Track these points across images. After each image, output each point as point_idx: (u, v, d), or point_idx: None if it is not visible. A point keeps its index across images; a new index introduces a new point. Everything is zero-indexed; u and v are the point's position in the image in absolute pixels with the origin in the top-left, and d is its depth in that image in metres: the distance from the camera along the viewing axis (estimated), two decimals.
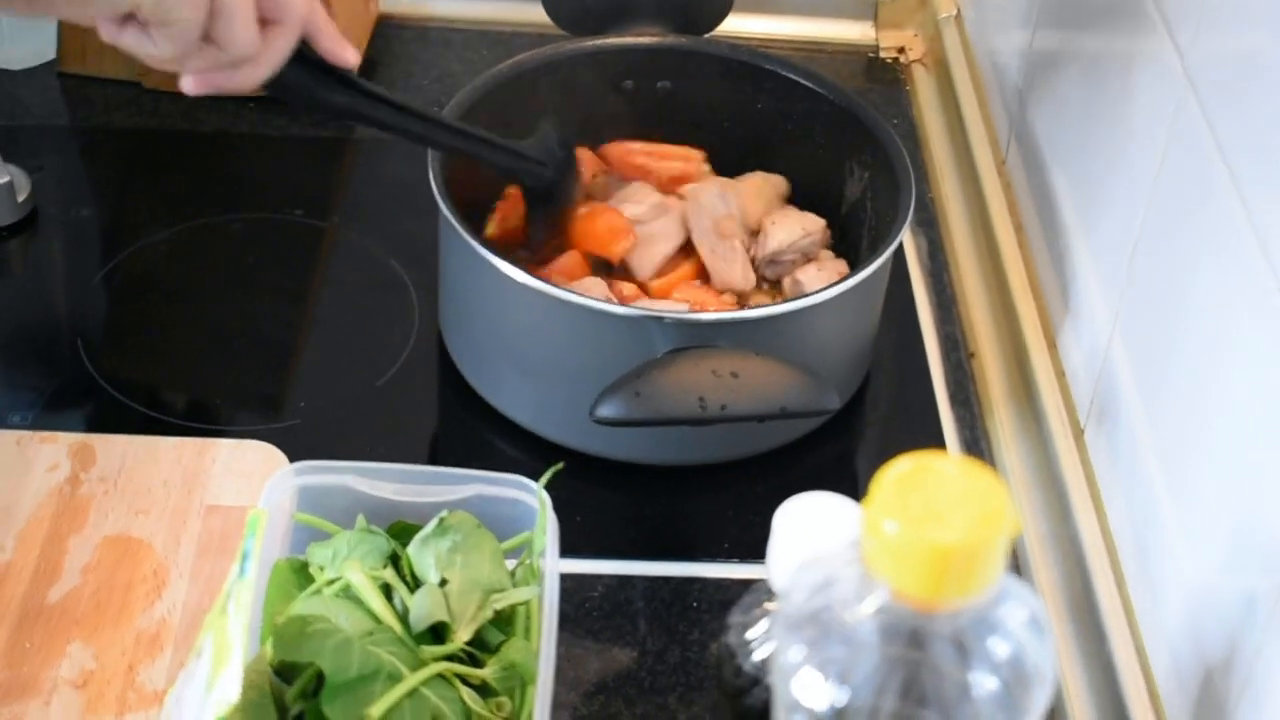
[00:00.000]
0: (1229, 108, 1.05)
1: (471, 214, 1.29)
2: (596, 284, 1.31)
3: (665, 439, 1.23)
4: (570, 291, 1.21)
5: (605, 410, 1.13)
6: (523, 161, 1.31)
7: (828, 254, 1.38)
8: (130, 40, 1.03)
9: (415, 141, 1.25)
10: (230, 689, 0.91)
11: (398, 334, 1.38)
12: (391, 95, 1.21)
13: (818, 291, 1.23)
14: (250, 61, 1.06)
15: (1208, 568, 1.05)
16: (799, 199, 1.42)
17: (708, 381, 1.14)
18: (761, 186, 1.41)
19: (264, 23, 1.05)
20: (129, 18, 1.01)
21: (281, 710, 0.98)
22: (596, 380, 1.14)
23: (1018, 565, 1.25)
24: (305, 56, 1.09)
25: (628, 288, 1.32)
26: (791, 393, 1.16)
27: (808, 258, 1.36)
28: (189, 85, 1.08)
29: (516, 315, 1.25)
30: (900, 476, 0.73)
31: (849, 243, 1.39)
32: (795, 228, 1.35)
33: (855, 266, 1.28)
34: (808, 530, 0.93)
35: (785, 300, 1.29)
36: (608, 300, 1.27)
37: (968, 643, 0.74)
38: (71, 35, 1.56)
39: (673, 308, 1.29)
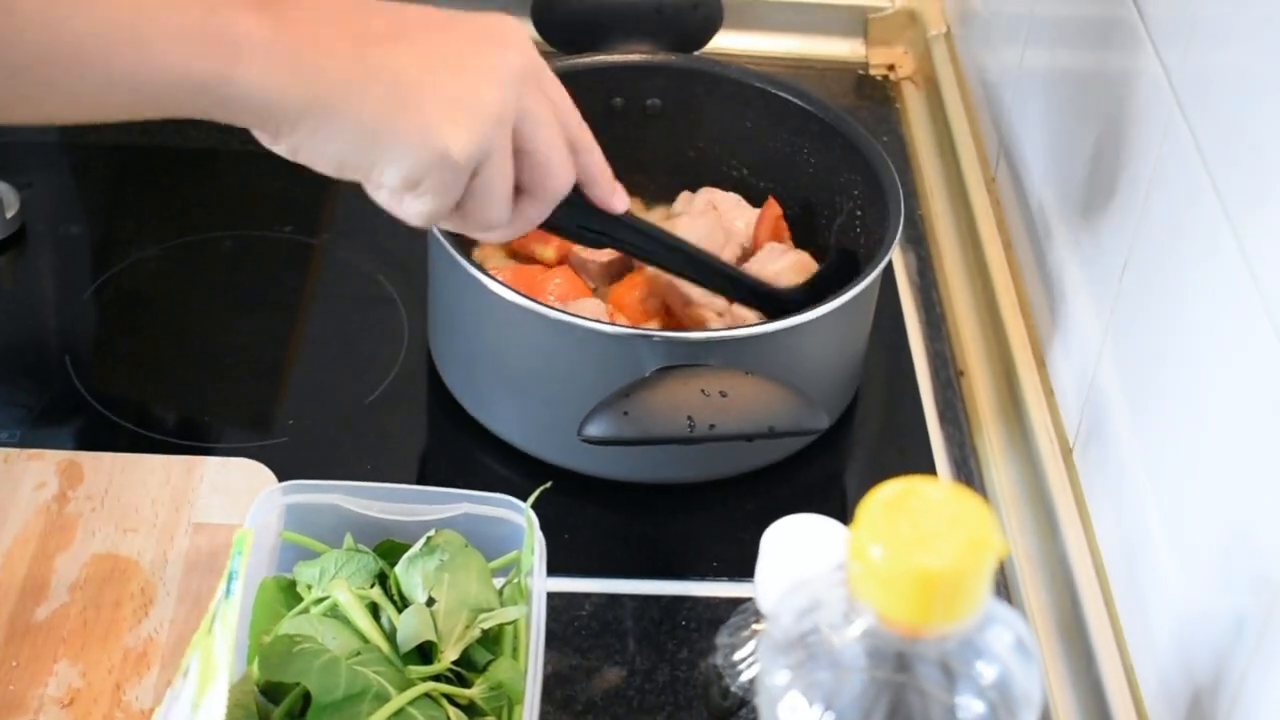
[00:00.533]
0: (1216, 127, 1.05)
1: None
2: (595, 305, 1.31)
3: (654, 457, 1.23)
4: (559, 310, 1.21)
5: (593, 429, 1.13)
6: (768, 299, 1.31)
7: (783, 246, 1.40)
8: (380, 196, 1.02)
9: (666, 270, 1.29)
10: (216, 709, 0.91)
11: (387, 351, 1.38)
12: (656, 228, 1.25)
13: (807, 310, 1.22)
14: (499, 229, 1.05)
15: (1197, 588, 1.05)
16: (787, 216, 1.42)
17: (696, 400, 1.14)
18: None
19: (519, 190, 1.04)
20: None
21: None
22: (585, 398, 1.15)
23: (1006, 584, 1.25)
24: (574, 199, 1.08)
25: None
26: (780, 412, 1.16)
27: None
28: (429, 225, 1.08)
29: (505, 333, 1.25)
30: (887, 501, 0.73)
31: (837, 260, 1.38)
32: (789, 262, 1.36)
33: (844, 284, 1.28)
34: (795, 552, 0.93)
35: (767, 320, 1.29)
36: (596, 319, 1.27)
37: (954, 666, 0.74)
38: None
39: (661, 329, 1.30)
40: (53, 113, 1.01)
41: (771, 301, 1.30)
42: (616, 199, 1.12)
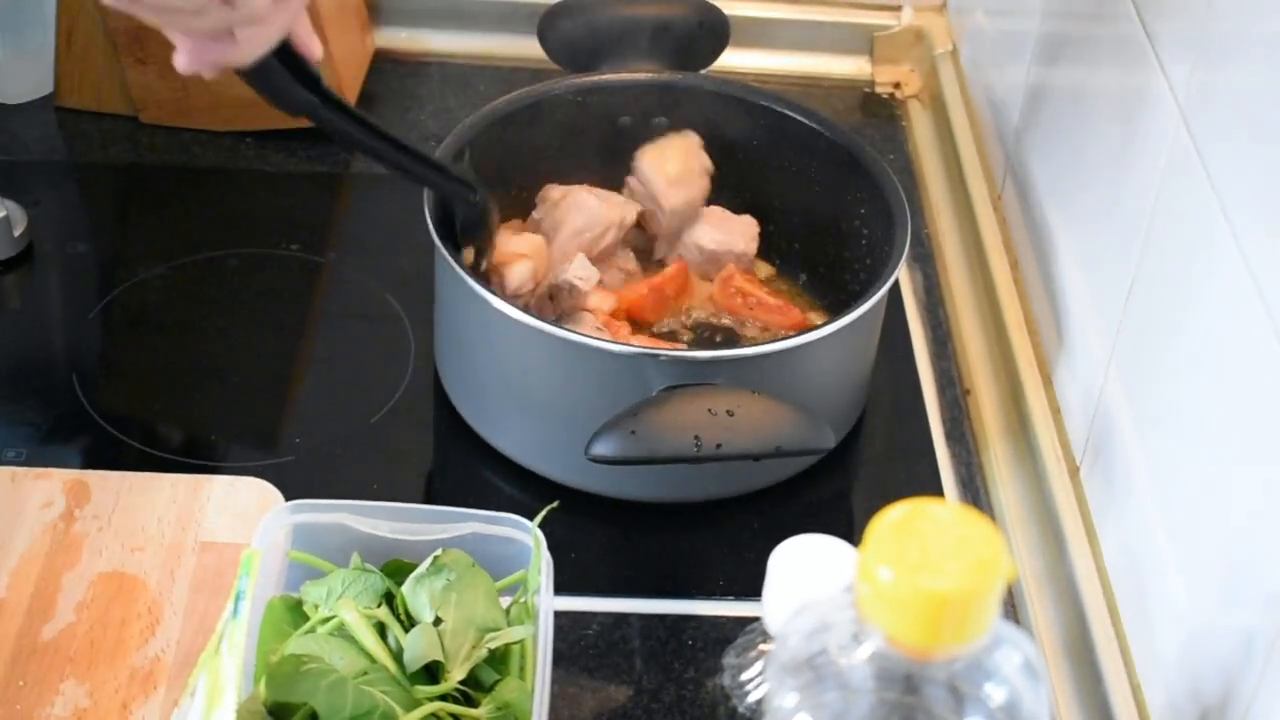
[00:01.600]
0: (1223, 145, 1.05)
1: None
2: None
3: (661, 476, 1.23)
4: (566, 329, 1.22)
5: (600, 448, 1.13)
6: (459, 185, 1.29)
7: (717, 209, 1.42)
8: None
9: (367, 155, 1.24)
10: None
11: (393, 369, 1.38)
12: (351, 107, 1.21)
13: (814, 329, 1.23)
14: (258, 25, 1.04)
15: (1204, 607, 1.05)
16: (793, 233, 1.42)
17: (703, 420, 1.14)
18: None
19: None
20: None
21: None
22: (592, 417, 1.15)
23: (1013, 603, 1.25)
24: (283, 47, 1.09)
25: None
26: (787, 432, 1.16)
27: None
28: (182, 60, 1.07)
29: (511, 352, 1.25)
30: (895, 523, 0.73)
31: (844, 278, 1.39)
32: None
33: (850, 303, 1.28)
34: (803, 573, 0.93)
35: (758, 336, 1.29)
36: (604, 338, 1.27)
37: (962, 688, 0.74)
38: (68, 70, 1.56)
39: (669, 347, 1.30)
40: None
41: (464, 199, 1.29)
42: (314, 43, 1.12)
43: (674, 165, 1.39)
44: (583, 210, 1.37)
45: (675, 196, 1.39)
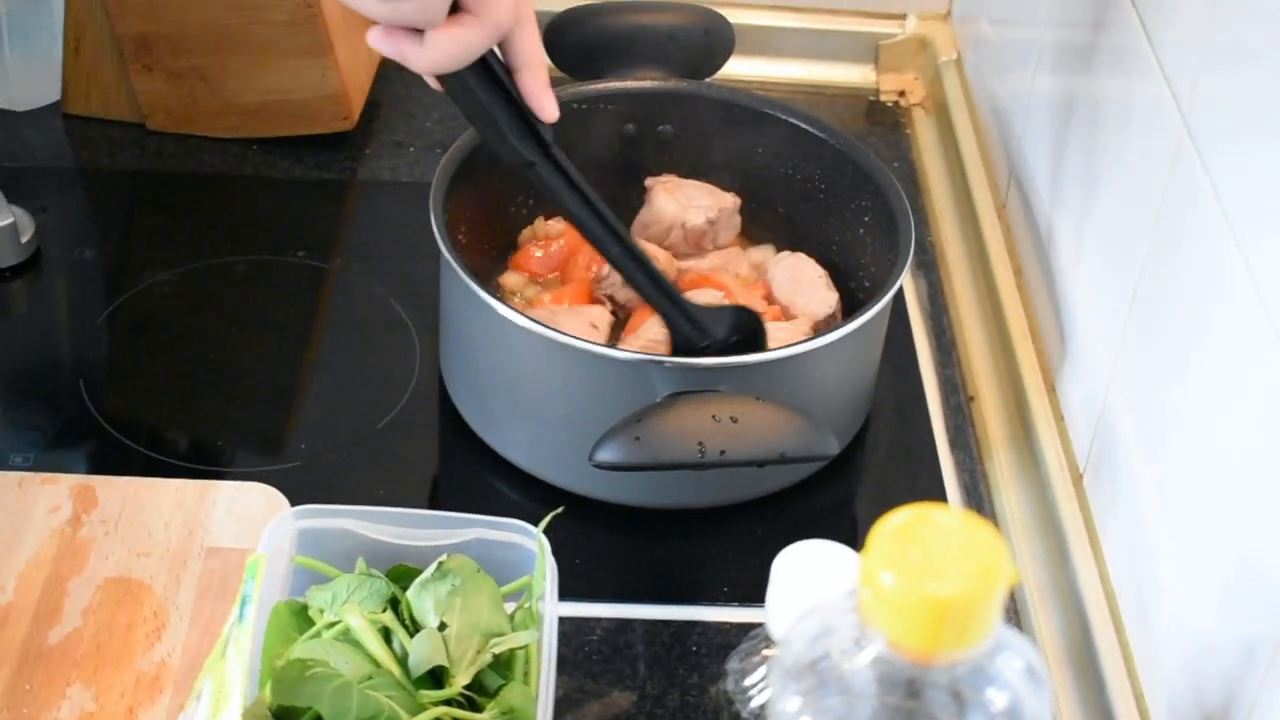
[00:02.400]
0: (1226, 154, 1.05)
1: (473, 257, 1.29)
2: (601, 314, 1.32)
3: (665, 483, 1.23)
4: (570, 336, 1.22)
5: (605, 455, 1.13)
6: (687, 320, 1.27)
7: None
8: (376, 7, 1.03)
9: (577, 224, 1.23)
10: None
11: (399, 376, 1.38)
12: (576, 175, 1.20)
13: (818, 337, 1.23)
14: (443, 35, 1.04)
15: (1207, 615, 1.05)
16: (797, 240, 1.42)
17: (707, 426, 1.14)
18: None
19: (461, 9, 1.04)
20: None
21: None
22: (596, 424, 1.15)
23: (1016, 610, 1.25)
24: (510, 93, 1.10)
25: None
26: (791, 438, 1.16)
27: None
28: (375, 35, 1.07)
29: (517, 358, 1.25)
30: (898, 528, 0.73)
31: (848, 285, 1.39)
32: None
33: (854, 310, 1.28)
34: (806, 578, 0.93)
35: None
36: (608, 344, 1.27)
37: (964, 693, 0.74)
38: (76, 77, 1.56)
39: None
40: None
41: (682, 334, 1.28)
42: (549, 101, 1.12)
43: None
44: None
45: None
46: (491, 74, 1.09)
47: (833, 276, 1.40)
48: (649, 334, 1.31)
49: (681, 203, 1.40)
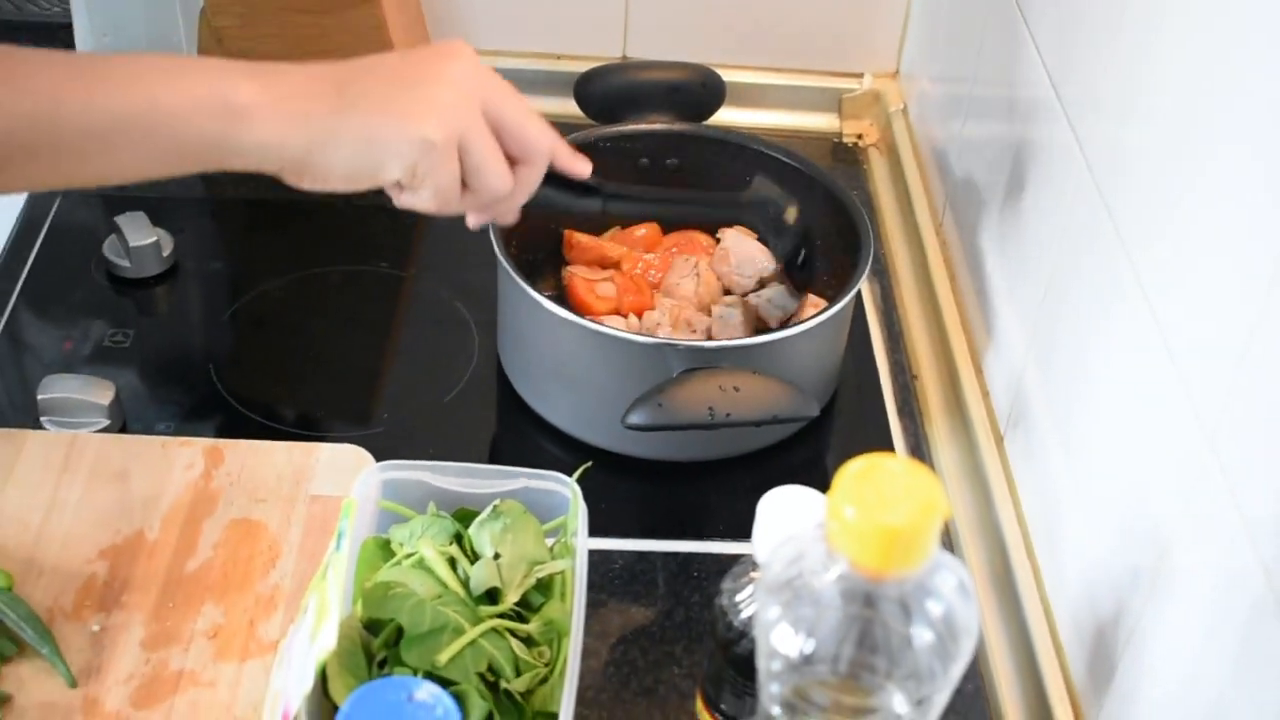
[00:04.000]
0: (1116, 183, 1.05)
1: (523, 264, 1.29)
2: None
3: (674, 440, 1.23)
4: (604, 325, 1.22)
5: (634, 418, 1.13)
6: (742, 209, 1.36)
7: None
8: (403, 199, 1.03)
9: (650, 219, 1.36)
10: (329, 640, 0.91)
11: (461, 360, 1.38)
12: (626, 189, 1.26)
13: (799, 324, 1.23)
14: (506, 200, 1.05)
15: (1101, 547, 1.05)
16: (779, 251, 1.42)
17: (715, 395, 1.14)
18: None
19: (514, 162, 1.04)
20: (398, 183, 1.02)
21: (369, 657, 0.99)
22: (623, 394, 1.15)
23: (950, 543, 1.25)
24: (552, 175, 1.10)
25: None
26: (782, 403, 1.16)
27: (761, 282, 1.40)
28: (471, 222, 1.10)
29: (561, 344, 1.25)
30: (857, 472, 0.73)
31: (818, 288, 1.38)
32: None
33: (823, 306, 1.28)
34: (785, 515, 0.93)
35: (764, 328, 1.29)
36: (634, 332, 1.27)
37: (910, 604, 0.74)
38: None
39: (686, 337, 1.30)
40: (89, 178, 0.99)
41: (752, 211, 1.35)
42: (579, 162, 1.11)
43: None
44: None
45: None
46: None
47: (805, 283, 1.39)
48: (654, 317, 1.34)
49: (750, 256, 1.41)
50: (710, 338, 1.33)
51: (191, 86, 0.95)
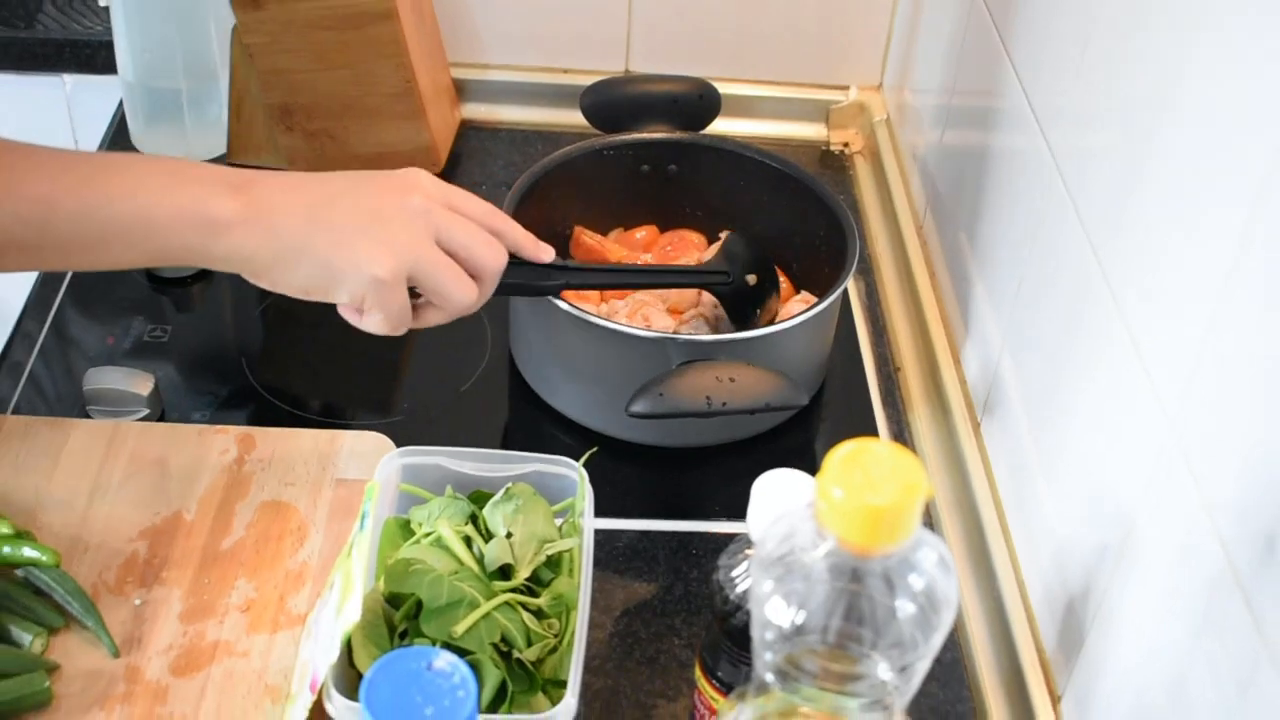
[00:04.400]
0: (1084, 185, 1.06)
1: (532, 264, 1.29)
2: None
3: (673, 428, 1.24)
4: (609, 321, 1.22)
5: (637, 407, 1.13)
6: (703, 276, 1.33)
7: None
8: (356, 321, 1.07)
9: (612, 287, 1.34)
10: (355, 613, 0.91)
11: (474, 354, 1.39)
12: (590, 265, 1.32)
13: (790, 320, 1.23)
14: (469, 308, 1.07)
15: (1070, 524, 1.05)
16: (771, 251, 1.42)
17: (712, 385, 1.14)
18: None
19: (474, 276, 1.07)
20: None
21: (391, 629, 0.99)
22: (626, 385, 1.15)
23: (931, 522, 1.25)
24: (515, 262, 1.11)
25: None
26: (774, 392, 1.16)
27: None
28: (436, 320, 1.09)
29: (569, 338, 1.25)
30: (845, 455, 0.73)
31: (807, 285, 1.39)
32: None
33: (812, 302, 1.28)
34: (777, 497, 0.93)
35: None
36: (635, 326, 1.27)
37: (893, 578, 0.74)
38: (237, 135, 1.57)
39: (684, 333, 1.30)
40: (75, 268, 1.14)
41: (719, 284, 1.32)
42: (542, 251, 1.13)
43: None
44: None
45: None
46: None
47: (794, 278, 1.40)
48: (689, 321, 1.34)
49: None
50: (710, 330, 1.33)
51: (177, 199, 0.98)
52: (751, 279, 1.31)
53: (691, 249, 1.43)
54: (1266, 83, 0.80)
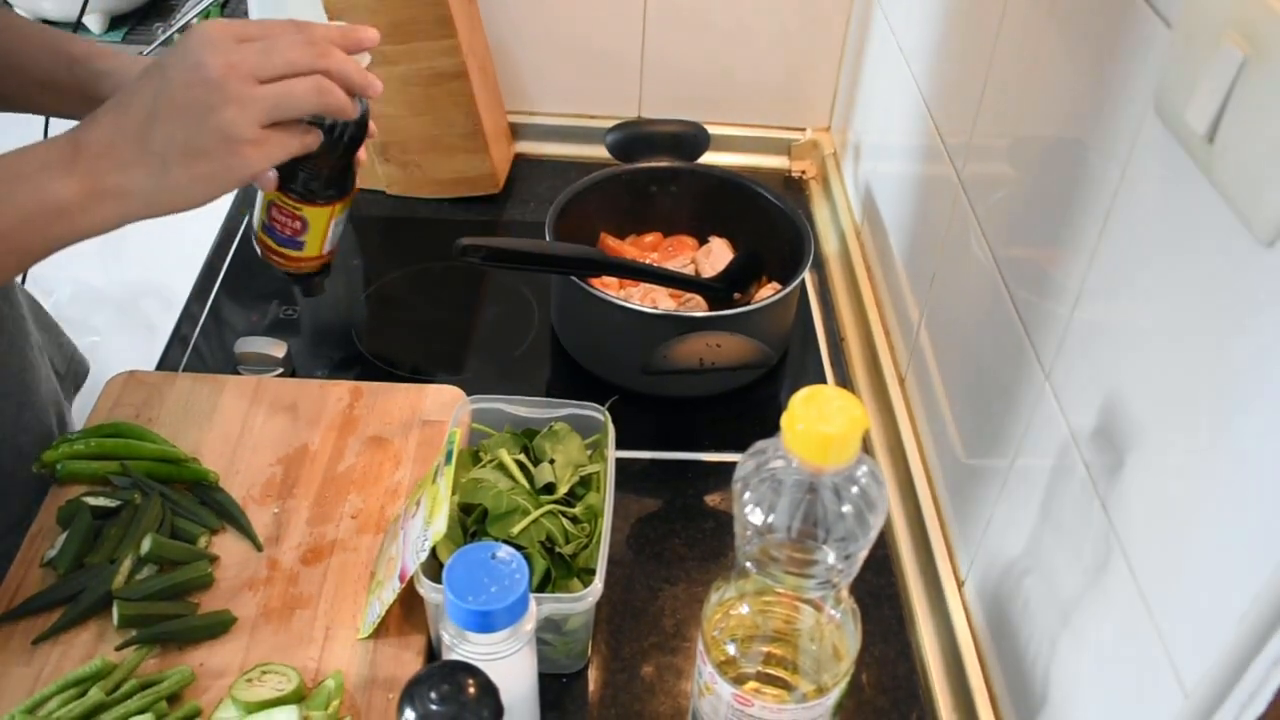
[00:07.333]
0: (982, 198, 1.05)
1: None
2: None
3: (676, 382, 1.23)
4: (627, 301, 1.22)
5: (648, 365, 1.14)
6: (700, 286, 1.29)
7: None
8: (269, 172, 0.87)
9: (630, 278, 1.28)
10: (442, 525, 0.92)
11: (523, 327, 1.38)
12: (616, 260, 1.25)
13: (762, 302, 1.23)
14: (341, 97, 0.87)
15: (969, 452, 1.05)
16: (748, 250, 1.41)
17: (704, 349, 1.15)
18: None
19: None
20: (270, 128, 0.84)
21: (464, 529, 1.00)
22: (639, 349, 1.15)
23: (868, 448, 1.25)
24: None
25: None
26: (751, 355, 1.16)
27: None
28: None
29: (597, 314, 1.25)
30: (804, 397, 0.73)
31: (775, 276, 1.38)
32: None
33: (779, 289, 1.28)
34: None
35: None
36: (647, 305, 1.27)
37: (840, 489, 0.75)
38: None
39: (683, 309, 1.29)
40: None
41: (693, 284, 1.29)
42: (372, 86, 0.90)
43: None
44: None
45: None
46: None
47: (762, 270, 1.39)
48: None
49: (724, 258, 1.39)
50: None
51: (17, 200, 0.79)
52: (737, 296, 1.30)
53: (686, 249, 1.43)
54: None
